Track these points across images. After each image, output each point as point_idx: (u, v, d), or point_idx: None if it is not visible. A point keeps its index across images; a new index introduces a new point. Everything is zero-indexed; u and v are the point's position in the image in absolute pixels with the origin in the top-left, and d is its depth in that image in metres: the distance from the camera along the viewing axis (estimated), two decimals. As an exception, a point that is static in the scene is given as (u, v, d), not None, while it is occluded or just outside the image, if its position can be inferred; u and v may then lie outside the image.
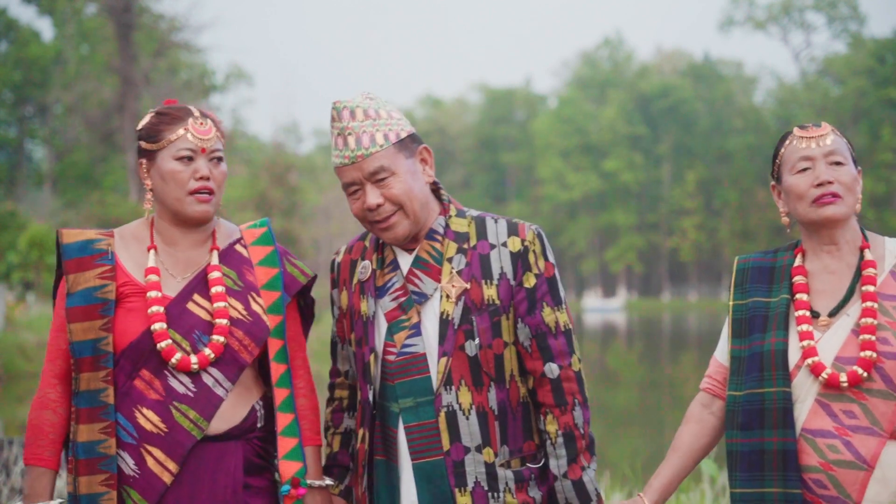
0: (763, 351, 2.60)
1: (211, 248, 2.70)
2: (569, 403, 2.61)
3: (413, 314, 2.61)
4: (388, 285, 2.66)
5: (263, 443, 2.68)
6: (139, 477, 2.54)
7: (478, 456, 2.56)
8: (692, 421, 2.78)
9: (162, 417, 2.54)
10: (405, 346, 2.60)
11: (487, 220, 2.67)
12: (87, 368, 2.56)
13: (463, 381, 2.56)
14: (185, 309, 2.61)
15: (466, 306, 2.58)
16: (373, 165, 2.56)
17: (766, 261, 2.74)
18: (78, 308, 2.58)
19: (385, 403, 2.62)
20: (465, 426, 2.56)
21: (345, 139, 2.58)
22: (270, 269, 2.72)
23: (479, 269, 2.60)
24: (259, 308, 2.66)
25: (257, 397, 2.68)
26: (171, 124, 2.64)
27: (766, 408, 2.56)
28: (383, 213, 2.58)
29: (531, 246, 2.62)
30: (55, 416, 2.61)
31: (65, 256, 2.63)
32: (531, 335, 2.61)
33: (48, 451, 2.60)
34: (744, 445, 2.59)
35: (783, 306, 2.62)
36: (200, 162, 2.62)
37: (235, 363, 2.61)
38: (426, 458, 2.57)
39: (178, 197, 2.61)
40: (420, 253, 2.64)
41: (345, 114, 2.59)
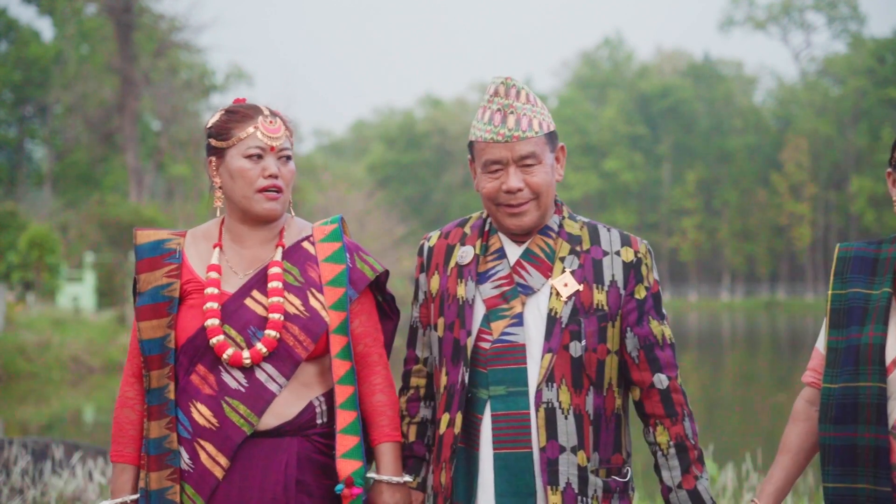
0: (860, 344, 2.52)
1: (277, 244, 2.70)
2: (679, 414, 2.61)
3: (516, 304, 2.58)
4: (491, 272, 2.63)
5: (330, 439, 2.64)
6: (193, 471, 2.56)
7: (572, 457, 2.53)
8: (799, 419, 2.71)
9: (214, 412, 2.55)
10: (504, 334, 2.57)
11: (600, 227, 2.67)
12: (156, 366, 2.59)
13: (564, 381, 2.54)
14: (242, 305, 2.61)
15: (575, 307, 2.56)
16: (526, 149, 2.56)
17: (869, 251, 2.65)
18: (146, 307, 2.62)
19: (472, 389, 2.59)
20: (564, 425, 2.53)
21: (504, 116, 2.56)
22: (336, 266, 2.69)
23: (592, 273, 2.60)
24: (318, 304, 2.64)
25: (318, 394, 2.65)
26: (240, 122, 2.64)
27: (860, 402, 2.49)
28: (520, 198, 2.57)
29: (644, 259, 2.63)
30: (134, 413, 2.66)
31: (138, 257, 2.68)
32: (640, 346, 2.60)
33: (130, 448, 2.65)
34: (836, 439, 2.52)
35: (884, 299, 2.54)
36: (269, 160, 2.63)
37: (290, 359, 2.59)
38: (510, 448, 2.53)
39: (247, 195, 2.63)
40: (531, 246, 2.63)
41: (512, 91, 2.58)
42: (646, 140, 68.50)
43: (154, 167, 41.28)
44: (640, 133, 68.06)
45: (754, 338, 35.89)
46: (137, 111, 35.48)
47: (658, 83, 69.26)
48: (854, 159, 62.74)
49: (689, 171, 66.96)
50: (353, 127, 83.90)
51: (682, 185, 67.30)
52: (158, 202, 36.77)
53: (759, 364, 25.04)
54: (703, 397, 16.29)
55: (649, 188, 69.16)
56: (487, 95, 2.61)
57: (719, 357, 27.25)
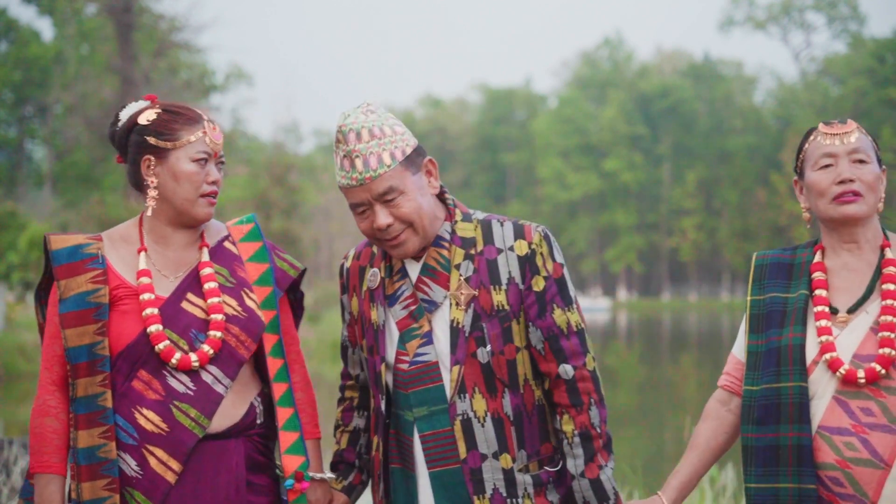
0: (780, 346, 2.58)
1: (200, 245, 2.70)
2: (584, 403, 2.61)
3: (424, 322, 2.60)
4: (398, 293, 2.64)
5: (264, 439, 2.68)
6: (142, 478, 2.53)
7: (495, 462, 2.55)
8: (710, 418, 2.78)
9: (163, 417, 2.54)
10: (417, 354, 2.59)
11: (493, 223, 2.65)
12: (84, 374, 2.54)
13: (477, 389, 2.55)
14: (179, 308, 2.60)
15: (476, 313, 2.57)
16: (382, 187, 2.53)
17: (784, 257, 2.72)
18: (71, 314, 2.56)
19: (399, 412, 2.62)
20: (482, 433, 2.55)
21: (351, 161, 2.53)
22: (261, 265, 2.73)
23: (488, 275, 2.59)
24: (253, 303, 2.66)
25: (255, 394, 2.68)
26: (187, 125, 2.63)
27: (782, 402, 2.54)
28: (393, 232, 2.56)
29: (538, 248, 2.60)
30: (57, 422, 2.59)
31: (55, 262, 2.61)
32: (543, 338, 2.60)
33: (54, 458, 2.57)
34: (759, 440, 2.58)
35: (801, 302, 2.60)
36: (212, 166, 2.64)
37: (234, 359, 2.61)
38: (442, 466, 2.56)
39: (189, 198, 2.61)
40: (427, 260, 2.62)
41: (350, 136, 2.53)
42: (646, 140, 68.52)
43: (154, 167, 41.21)
44: (640, 133, 68.08)
45: (754, 338, 35.79)
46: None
47: (658, 83, 69.28)
48: (854, 159, 62.71)
49: (689, 171, 66.99)
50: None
51: (682, 185, 67.33)
52: (158, 202, 36.69)
53: (759, 364, 25.00)
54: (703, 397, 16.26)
55: (649, 188, 69.18)
56: (334, 142, 2.58)
57: (719, 357, 27.22)
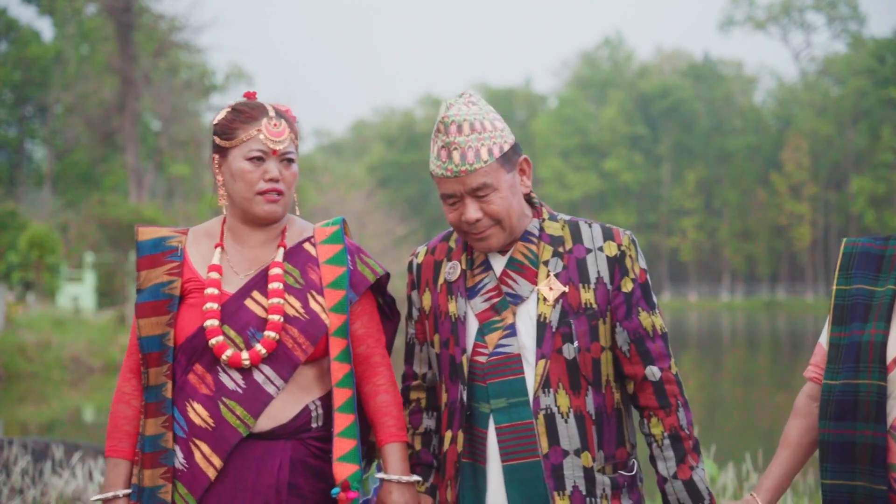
0: (862, 341, 2.51)
1: (278, 245, 2.69)
2: (672, 405, 2.60)
3: (507, 315, 2.58)
4: (480, 286, 2.63)
5: (324, 443, 2.64)
6: (187, 471, 2.55)
7: (576, 460, 2.53)
8: (800, 414, 2.70)
9: (210, 412, 2.55)
10: (499, 346, 2.57)
11: (581, 224, 2.66)
12: (154, 364, 2.59)
13: (561, 384, 2.54)
14: (241, 305, 2.60)
15: (564, 309, 2.56)
16: (476, 182, 2.53)
17: (875, 247, 2.62)
18: (146, 304, 2.61)
19: (474, 404, 2.59)
20: (564, 429, 2.53)
21: (449, 152, 2.53)
22: (337, 268, 2.68)
23: (577, 273, 2.59)
24: (318, 307, 2.63)
25: (315, 397, 2.64)
26: (245, 123, 2.62)
27: (860, 400, 2.48)
28: (480, 227, 2.56)
29: (627, 251, 2.61)
30: (130, 409, 2.65)
31: (139, 253, 2.67)
32: (630, 339, 2.59)
33: (124, 443, 2.64)
34: (836, 436, 2.51)
35: (888, 297, 2.52)
36: (271, 163, 2.62)
37: (289, 361, 2.58)
38: (519, 459, 2.54)
39: (247, 196, 2.62)
40: (515, 255, 2.62)
41: (452, 128, 2.54)
42: (646, 140, 68.50)
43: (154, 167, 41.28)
44: (640, 133, 68.06)
45: (754, 338, 35.88)
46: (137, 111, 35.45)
47: (658, 83, 69.26)
48: (854, 159, 62.74)
49: (689, 171, 66.98)
50: (353, 127, 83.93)
51: (682, 185, 67.32)
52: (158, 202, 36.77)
53: (759, 364, 25.04)
54: (704, 397, 16.28)
55: (649, 188, 69.16)
56: (434, 130, 2.59)
57: (719, 357, 27.24)
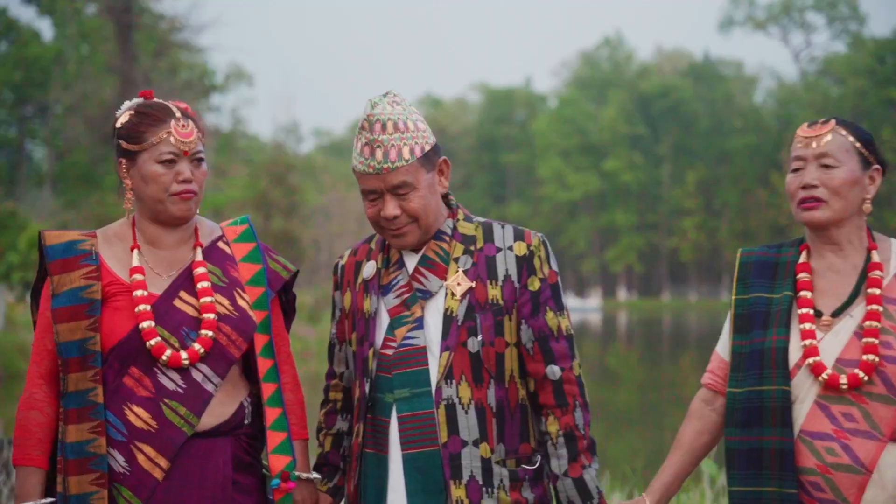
0: (764, 348, 2.57)
1: (194, 244, 2.71)
2: (570, 405, 2.66)
3: (416, 309, 2.66)
4: (393, 283, 2.71)
5: (251, 440, 2.70)
6: (130, 474, 2.55)
7: (474, 450, 2.59)
8: (694, 418, 2.77)
9: (152, 414, 2.56)
10: (406, 338, 2.65)
11: (494, 225, 2.74)
12: (75, 369, 2.57)
13: (463, 376, 2.61)
14: (171, 306, 2.62)
15: (471, 304, 2.63)
16: (397, 179, 2.61)
17: (769, 255, 2.70)
18: (64, 308, 2.59)
19: (378, 395, 2.66)
20: (464, 420, 2.59)
21: (372, 150, 2.61)
22: (254, 266, 2.75)
23: (485, 270, 2.66)
24: (245, 303, 2.68)
25: (245, 394, 2.70)
26: (152, 125, 2.64)
27: (765, 406, 2.54)
28: (398, 223, 2.64)
29: (536, 251, 2.69)
30: (42, 416, 2.62)
31: (49, 258, 2.63)
32: (534, 337, 2.66)
33: (37, 451, 2.61)
34: (742, 443, 2.57)
35: (786, 303, 2.59)
36: (183, 164, 2.63)
37: (224, 358, 2.62)
38: (419, 448, 2.60)
39: (160, 198, 2.63)
40: (427, 252, 2.70)
41: (376, 126, 2.62)
42: (646, 140, 68.52)
43: (154, 167, 41.23)
44: (640, 133, 68.09)
45: (754, 338, 35.79)
46: (137, 111, 35.40)
47: (658, 83, 69.29)
48: (854, 159, 62.70)
49: (689, 171, 66.99)
50: (353, 127, 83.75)
51: (682, 185, 67.33)
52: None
53: (759, 364, 25.00)
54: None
55: (649, 188, 69.18)
56: (359, 126, 2.66)
57: (719, 357, 27.22)
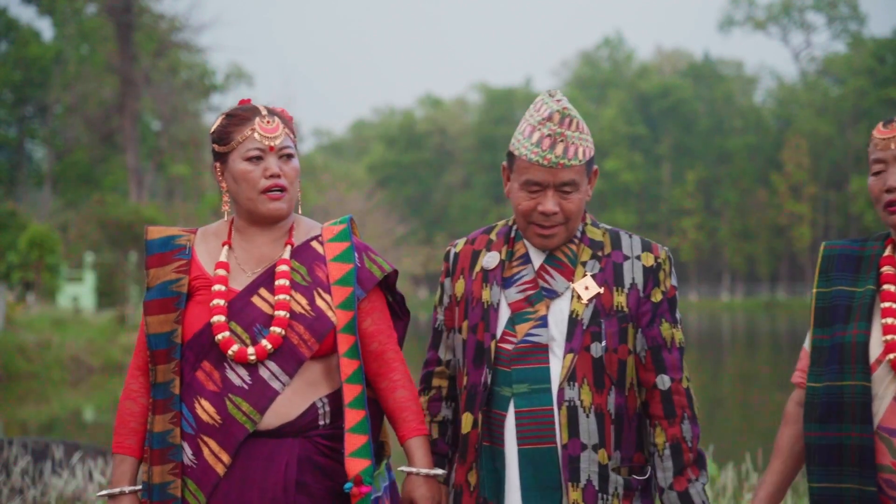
0: (844, 342, 2.52)
1: (286, 243, 2.73)
2: (677, 416, 2.65)
3: (541, 307, 2.65)
4: (516, 277, 2.71)
5: (332, 441, 2.66)
6: (196, 467, 2.58)
7: (593, 455, 2.59)
8: (790, 422, 2.70)
9: (217, 409, 2.58)
10: (528, 335, 2.64)
11: (622, 234, 2.76)
12: (162, 360, 2.62)
13: (586, 380, 2.60)
14: (248, 302, 2.64)
15: (596, 309, 2.63)
16: (567, 177, 2.63)
17: (853, 249, 2.65)
18: (155, 301, 2.65)
19: (495, 388, 2.65)
20: (585, 423, 2.59)
21: (553, 142, 2.61)
22: (344, 265, 2.72)
23: (612, 276, 2.67)
24: (325, 304, 2.66)
25: (323, 394, 2.66)
26: (238, 125, 2.67)
27: (845, 401, 2.48)
28: (554, 220, 2.65)
29: (663, 264, 2.71)
30: (136, 406, 2.69)
31: (148, 252, 2.71)
32: (647, 346, 2.66)
33: (130, 440, 2.67)
34: (821, 439, 2.52)
35: (868, 297, 2.54)
36: (270, 160, 2.65)
37: (294, 357, 2.61)
38: (534, 444, 2.60)
39: (251, 197, 2.65)
40: (555, 252, 2.71)
41: (566, 121, 2.63)
42: (646, 140, 68.50)
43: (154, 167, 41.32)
44: (640, 133, 68.06)
45: (754, 338, 35.88)
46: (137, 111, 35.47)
47: (658, 83, 69.26)
48: (854, 159, 62.71)
49: (689, 171, 66.97)
50: (353, 127, 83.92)
51: (682, 185, 67.30)
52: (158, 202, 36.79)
53: (759, 364, 25.05)
54: (704, 397, 16.33)
55: (649, 188, 69.16)
56: (539, 116, 2.65)
57: (719, 357, 27.25)
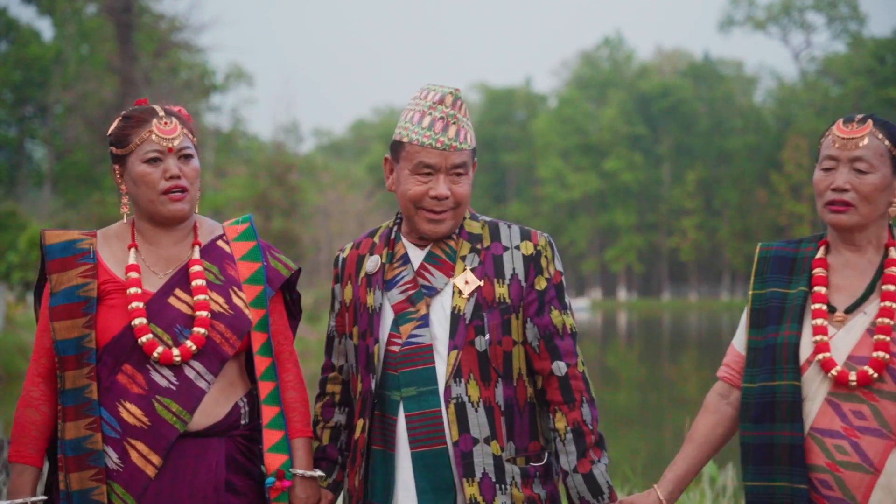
0: (776, 343, 2.57)
1: (193, 243, 2.73)
2: (577, 400, 2.68)
3: (421, 307, 2.67)
4: (398, 278, 2.72)
5: (248, 441, 2.69)
6: (122, 471, 2.57)
7: (486, 448, 2.61)
8: (709, 411, 2.78)
9: (145, 411, 2.57)
10: (411, 336, 2.66)
11: (500, 224, 2.76)
12: (71, 366, 2.59)
13: (472, 375, 2.63)
14: (165, 304, 2.63)
15: (478, 303, 2.65)
16: (459, 159, 2.67)
17: (788, 251, 2.69)
18: (61, 307, 2.61)
19: (385, 392, 2.67)
20: (475, 418, 2.61)
21: (445, 125, 2.67)
22: (253, 264, 2.75)
23: (493, 269, 2.69)
24: (241, 302, 2.69)
25: (241, 394, 2.70)
26: (136, 127, 2.67)
27: (776, 401, 2.54)
28: (445, 205, 2.67)
29: (543, 251, 2.73)
30: (38, 414, 2.65)
31: (48, 257, 2.67)
32: (539, 335, 2.69)
33: (31, 449, 2.64)
34: (755, 438, 2.58)
35: (800, 299, 2.59)
36: (169, 161, 2.65)
37: (217, 356, 2.63)
38: (427, 446, 2.62)
39: (152, 198, 2.65)
40: (433, 249, 2.72)
41: (458, 104, 2.70)
42: (646, 140, 68.50)
43: (154, 167, 41.19)
44: (640, 133, 68.06)
45: (754, 338, 35.74)
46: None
47: (658, 83, 69.25)
48: (854, 159, 62.67)
49: (689, 171, 66.98)
50: (352, 127, 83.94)
51: (682, 185, 67.31)
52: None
53: (759, 364, 24.96)
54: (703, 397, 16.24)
55: (649, 188, 69.15)
56: (429, 102, 2.70)
57: (719, 357, 27.10)
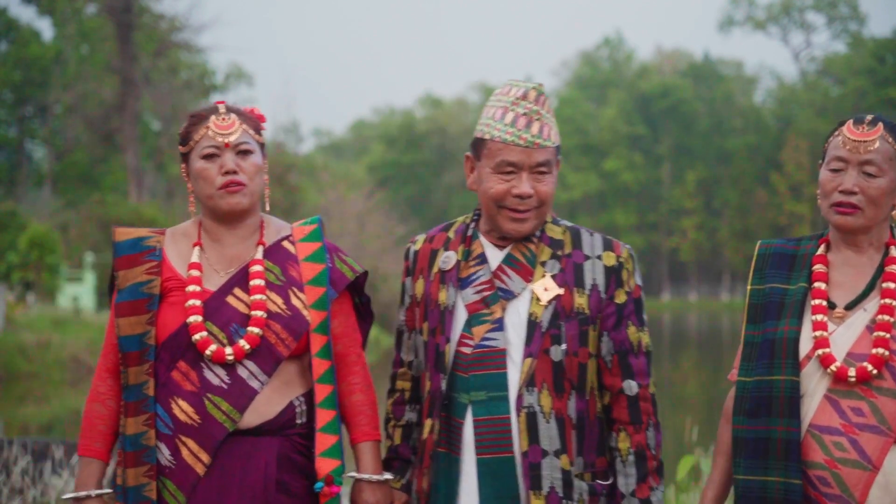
0: (775, 338, 2.57)
1: (257, 243, 2.73)
2: (644, 423, 2.62)
3: (497, 309, 2.60)
4: (473, 278, 2.65)
5: (307, 440, 2.67)
6: (174, 468, 2.58)
7: (555, 461, 2.53)
8: (731, 419, 2.71)
9: (196, 408, 2.58)
10: (484, 339, 2.59)
11: (583, 232, 2.68)
12: (134, 363, 2.61)
13: (545, 385, 2.55)
14: (223, 302, 2.64)
15: (556, 311, 2.57)
16: (543, 157, 2.59)
17: (788, 248, 2.70)
18: (125, 303, 2.65)
19: (454, 394, 2.60)
20: (546, 429, 2.54)
21: (529, 121, 2.59)
22: (316, 265, 2.73)
23: (573, 277, 2.61)
24: (300, 303, 2.67)
25: (298, 393, 2.68)
26: (196, 125, 2.70)
27: (773, 395, 2.53)
28: (528, 204, 2.59)
29: (625, 263, 2.65)
30: (104, 408, 2.68)
31: (116, 254, 2.70)
32: (614, 350, 2.61)
33: (98, 443, 2.68)
34: (749, 432, 2.56)
35: (800, 294, 2.59)
36: (226, 157, 2.66)
37: (272, 356, 2.62)
38: (493, 454, 2.55)
39: (210, 194, 2.67)
40: (513, 251, 2.65)
41: (542, 99, 2.62)
42: (646, 140, 68.48)
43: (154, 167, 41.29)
44: (640, 133, 68.04)
45: (754, 338, 35.77)
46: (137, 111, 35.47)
47: (658, 83, 69.23)
48: (854, 159, 62.67)
49: (689, 171, 66.96)
50: (353, 127, 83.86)
51: (682, 185, 67.29)
52: (158, 202, 36.78)
53: (759, 364, 24.98)
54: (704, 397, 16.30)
55: (649, 188, 69.13)
56: (511, 98, 2.62)
57: (719, 357, 27.21)
